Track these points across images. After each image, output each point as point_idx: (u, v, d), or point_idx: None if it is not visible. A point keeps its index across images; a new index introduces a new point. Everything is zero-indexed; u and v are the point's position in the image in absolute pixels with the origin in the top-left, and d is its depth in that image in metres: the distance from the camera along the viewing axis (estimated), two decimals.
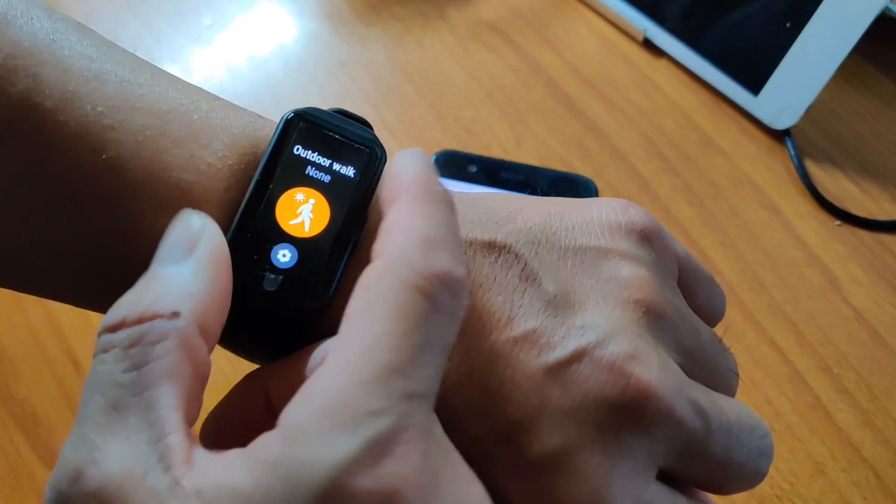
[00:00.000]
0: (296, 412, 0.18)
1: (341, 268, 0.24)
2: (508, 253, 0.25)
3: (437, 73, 0.60)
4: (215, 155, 0.24)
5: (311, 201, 0.24)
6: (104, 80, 0.23)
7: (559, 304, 0.24)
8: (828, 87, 0.55)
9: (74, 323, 0.48)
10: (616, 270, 0.25)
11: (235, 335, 0.24)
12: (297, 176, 0.24)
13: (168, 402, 0.19)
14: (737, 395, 0.28)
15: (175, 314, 0.20)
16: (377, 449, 0.17)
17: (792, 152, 0.56)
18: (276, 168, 0.24)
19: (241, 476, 0.17)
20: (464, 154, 0.54)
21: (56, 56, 0.22)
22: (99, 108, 0.22)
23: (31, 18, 0.23)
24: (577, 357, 0.23)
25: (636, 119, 0.58)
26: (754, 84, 0.57)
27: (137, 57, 0.25)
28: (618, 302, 0.25)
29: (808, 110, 0.56)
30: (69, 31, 0.23)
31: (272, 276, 0.23)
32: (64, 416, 0.46)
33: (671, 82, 0.60)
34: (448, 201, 0.23)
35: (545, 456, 0.23)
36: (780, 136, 0.57)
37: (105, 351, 0.19)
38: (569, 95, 0.59)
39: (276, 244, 0.23)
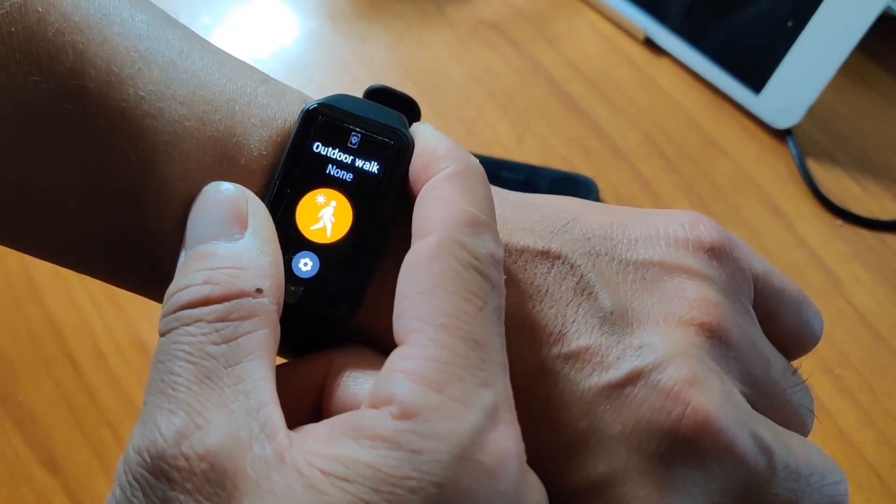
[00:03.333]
0: (400, 389, 0.18)
1: (368, 273, 0.22)
2: (563, 263, 0.23)
3: (438, 72, 0.60)
4: (251, 154, 0.22)
5: (333, 203, 0.23)
6: (150, 61, 0.22)
7: (616, 322, 0.23)
8: (830, 86, 0.55)
9: (73, 324, 0.48)
10: (680, 289, 0.23)
11: None
12: (317, 176, 0.23)
13: (261, 375, 0.19)
14: None
15: (259, 291, 0.20)
16: (489, 418, 0.19)
17: (794, 151, 0.56)
18: (294, 169, 0.22)
19: (359, 451, 0.18)
20: None
21: (104, 33, 0.21)
22: (141, 93, 0.21)
23: None
24: (631, 379, 0.22)
25: (637, 118, 0.58)
26: (756, 83, 0.57)
27: (190, 32, 0.24)
28: (680, 323, 0.23)
29: (810, 109, 0.56)
30: (122, 4, 0.22)
31: (292, 287, 0.22)
32: (62, 417, 0.46)
33: (672, 81, 0.60)
34: (484, 176, 0.22)
35: (589, 483, 0.22)
36: (781, 135, 0.57)
37: (187, 325, 0.19)
38: (570, 95, 0.59)
39: (296, 252, 0.22)
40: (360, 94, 0.25)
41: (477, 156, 0.60)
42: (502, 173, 0.54)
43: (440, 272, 0.20)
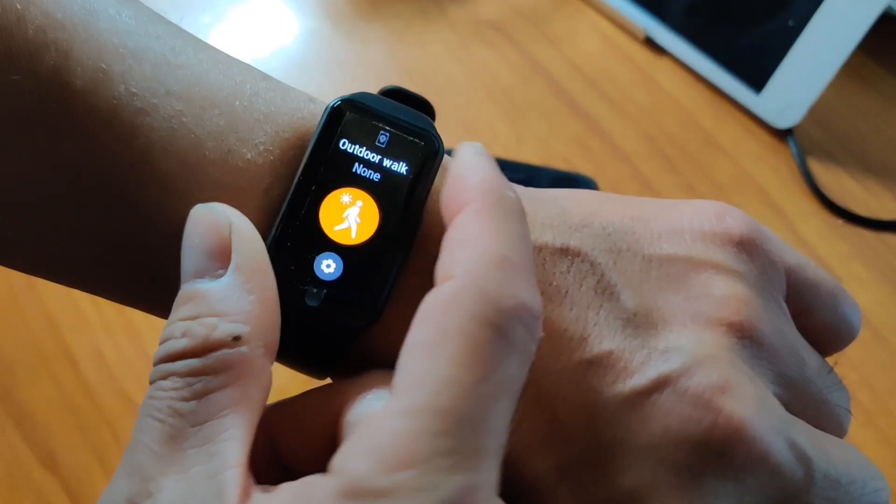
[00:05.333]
0: (354, 460, 0.16)
1: (393, 279, 0.21)
2: (583, 261, 0.22)
3: (438, 71, 0.60)
4: (256, 149, 0.21)
5: (359, 203, 0.21)
6: (140, 57, 0.21)
7: (640, 324, 0.21)
8: (831, 86, 0.55)
9: (71, 322, 0.48)
10: (708, 286, 0.22)
11: (278, 352, 0.21)
12: (343, 174, 0.21)
13: (232, 434, 0.18)
14: None
15: (237, 339, 0.18)
16: None
17: (795, 151, 0.56)
18: (319, 166, 0.21)
19: None
20: None
21: (90, 30, 0.20)
22: (132, 90, 0.20)
23: None
24: (658, 386, 0.20)
25: (638, 118, 0.58)
26: (757, 82, 0.57)
27: (180, 30, 0.22)
28: (709, 323, 0.21)
29: (811, 108, 0.55)
30: (108, 0, 0.21)
31: (315, 289, 0.21)
32: (61, 416, 0.46)
33: (673, 81, 0.60)
34: (521, 212, 0.20)
35: (615, 498, 0.20)
36: (782, 134, 0.57)
37: (163, 378, 0.18)
38: (570, 94, 0.59)
39: (319, 253, 0.21)
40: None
41: None
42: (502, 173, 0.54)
43: (449, 327, 0.17)
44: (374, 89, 0.24)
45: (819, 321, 0.24)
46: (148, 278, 0.22)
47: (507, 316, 0.17)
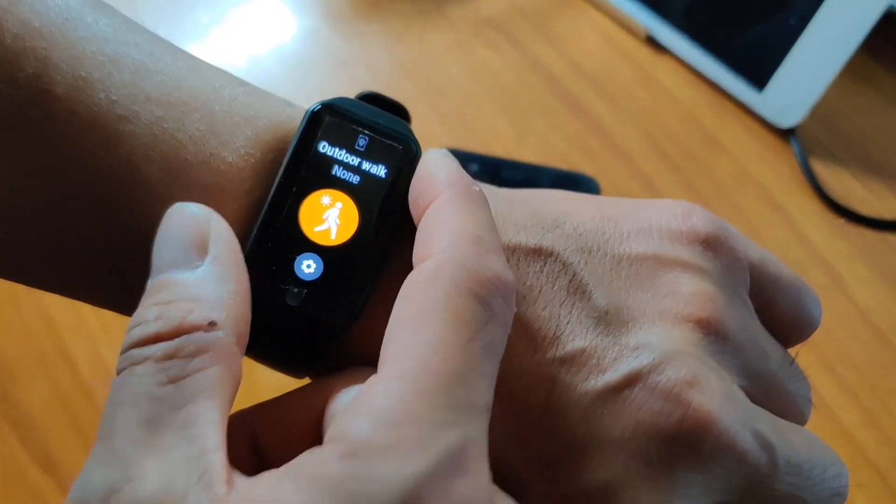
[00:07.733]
0: (354, 425, 0.17)
1: (372, 279, 0.22)
2: (555, 261, 0.23)
3: (438, 70, 0.60)
4: (237, 152, 0.22)
5: (339, 205, 0.22)
6: (119, 64, 0.21)
7: (611, 321, 0.22)
8: (833, 85, 0.54)
9: (70, 323, 0.48)
10: (676, 284, 0.23)
11: (257, 349, 0.22)
12: (323, 177, 0.22)
13: (209, 418, 0.18)
14: None
15: (213, 324, 0.19)
16: (448, 464, 0.17)
17: (797, 150, 0.56)
18: (299, 168, 0.22)
19: (294, 495, 0.16)
20: (465, 152, 0.54)
21: (68, 38, 0.21)
22: (113, 97, 0.21)
23: None
24: (629, 382, 0.21)
25: (639, 117, 0.58)
26: (759, 81, 0.57)
27: (157, 37, 0.23)
28: (677, 320, 0.22)
29: (814, 108, 0.55)
30: (84, 9, 0.21)
31: (295, 289, 0.21)
32: (58, 417, 0.46)
33: (674, 80, 0.60)
34: (486, 203, 0.21)
35: (589, 491, 0.21)
36: (784, 133, 0.57)
37: (136, 364, 0.18)
38: (571, 93, 0.59)
39: (299, 254, 0.22)
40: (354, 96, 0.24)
41: (477, 155, 0.60)
42: (503, 173, 0.53)
43: (433, 297, 0.18)
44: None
45: (781, 313, 0.25)
46: (132, 284, 0.22)
47: (487, 286, 0.19)
